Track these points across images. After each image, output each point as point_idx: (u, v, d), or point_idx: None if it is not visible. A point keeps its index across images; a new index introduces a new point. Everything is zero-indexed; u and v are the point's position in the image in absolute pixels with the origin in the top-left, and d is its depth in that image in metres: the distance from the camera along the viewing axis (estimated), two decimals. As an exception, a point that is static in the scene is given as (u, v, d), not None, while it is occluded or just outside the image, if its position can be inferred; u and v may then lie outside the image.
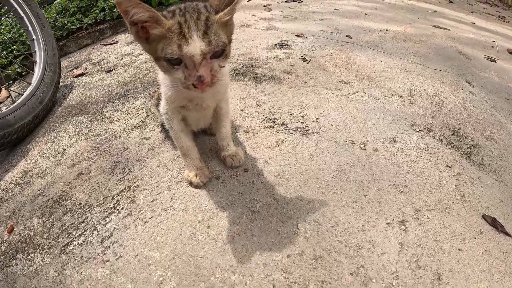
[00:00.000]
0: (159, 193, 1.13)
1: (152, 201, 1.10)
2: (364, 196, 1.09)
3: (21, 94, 1.70)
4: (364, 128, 1.44)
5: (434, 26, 3.11)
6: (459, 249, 0.93)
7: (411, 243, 0.93)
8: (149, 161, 1.29)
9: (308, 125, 1.44)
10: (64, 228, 1.08)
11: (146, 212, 1.06)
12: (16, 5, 1.86)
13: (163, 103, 1.07)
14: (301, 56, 2.13)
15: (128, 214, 1.07)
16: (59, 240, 1.05)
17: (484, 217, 1.05)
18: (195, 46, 0.75)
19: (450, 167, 1.25)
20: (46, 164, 1.41)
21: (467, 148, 1.38)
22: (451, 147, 1.37)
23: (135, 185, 1.18)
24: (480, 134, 1.49)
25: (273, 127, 1.43)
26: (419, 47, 2.45)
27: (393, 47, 2.41)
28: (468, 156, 1.33)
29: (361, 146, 1.33)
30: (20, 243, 1.07)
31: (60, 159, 1.42)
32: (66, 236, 1.05)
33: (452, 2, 4.98)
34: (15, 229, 1.13)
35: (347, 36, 2.59)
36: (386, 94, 1.74)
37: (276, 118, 1.48)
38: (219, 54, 0.80)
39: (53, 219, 1.13)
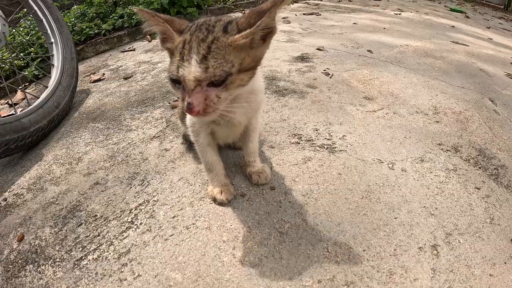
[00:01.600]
0: (181, 209, 1.07)
1: (173, 217, 1.04)
2: (395, 218, 1.03)
3: (37, 97, 1.67)
4: (391, 147, 1.38)
5: (453, 41, 3.06)
6: (490, 275, 0.89)
7: (443, 269, 0.89)
8: (169, 174, 1.23)
9: (335, 142, 1.38)
10: (78, 240, 1.02)
11: (167, 229, 1.00)
12: (35, 7, 1.84)
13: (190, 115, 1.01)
14: (324, 70, 2.09)
15: (147, 230, 1.01)
16: (72, 253, 0.99)
17: None
18: (190, 71, 0.68)
19: (478, 189, 1.20)
20: (60, 171, 1.36)
21: (494, 169, 1.33)
22: (478, 167, 1.32)
23: (155, 199, 1.12)
24: (506, 155, 1.43)
25: (299, 143, 1.37)
26: (440, 63, 2.40)
27: (414, 63, 2.36)
28: (496, 178, 1.28)
29: (390, 165, 1.27)
30: (30, 253, 1.01)
31: (75, 166, 1.37)
32: (80, 249, 0.99)
33: (468, 18, 4.95)
34: (25, 238, 1.07)
35: (368, 50, 2.55)
36: (411, 112, 1.68)
37: (301, 134, 1.43)
38: (218, 83, 0.71)
39: (66, 230, 1.07)
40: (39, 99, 1.63)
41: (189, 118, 1.02)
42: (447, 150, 1.40)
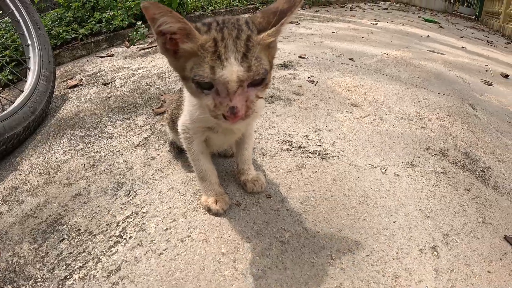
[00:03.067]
0: (173, 221, 1.00)
1: (166, 229, 0.97)
2: (394, 222, 1.04)
3: (12, 102, 1.55)
4: (382, 152, 1.40)
5: (430, 50, 3.19)
6: (488, 272, 0.92)
7: (444, 269, 0.91)
8: (157, 184, 1.16)
9: (327, 149, 1.36)
10: (61, 257, 0.93)
11: (160, 243, 0.93)
12: (13, 7, 1.72)
13: (184, 120, 0.95)
14: (308, 78, 2.09)
15: (138, 244, 0.94)
16: (55, 272, 0.89)
17: (506, 238, 1.05)
18: (232, 70, 0.62)
19: (468, 190, 1.24)
20: (38, 181, 1.25)
21: (481, 171, 1.37)
22: (466, 170, 1.36)
23: (144, 210, 1.06)
24: (490, 157, 1.49)
25: (291, 150, 1.34)
26: (420, 71, 2.48)
27: (395, 71, 2.42)
28: (483, 179, 1.32)
29: (382, 170, 1.28)
30: (8, 272, 0.91)
31: (53, 176, 1.27)
32: (64, 267, 0.90)
33: (442, 28, 5.19)
34: (1, 255, 0.96)
35: (350, 59, 2.59)
36: (397, 118, 1.71)
37: (292, 141, 1.41)
38: (258, 83, 0.67)
39: (47, 246, 0.97)
40: (14, 104, 1.52)
41: (181, 124, 0.97)
42: (435, 154, 1.44)
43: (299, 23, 3.93)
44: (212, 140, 0.99)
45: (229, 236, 0.94)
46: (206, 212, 1.02)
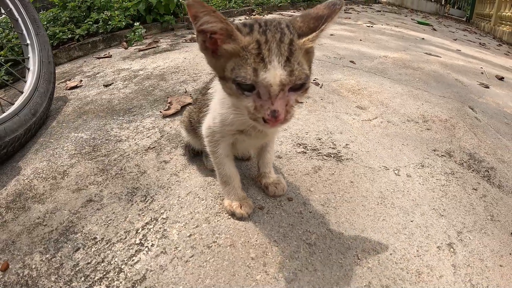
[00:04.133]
0: (197, 226, 0.97)
1: (189, 236, 0.94)
2: (411, 221, 1.07)
3: (12, 104, 1.48)
4: (393, 154, 1.41)
5: (427, 53, 3.24)
6: (500, 265, 0.96)
7: (461, 264, 0.94)
8: (175, 188, 1.13)
9: (340, 151, 1.37)
10: (78, 268, 0.88)
11: (185, 250, 0.90)
12: (11, 5, 1.65)
13: (211, 123, 0.92)
14: (313, 80, 2.09)
15: (162, 252, 0.90)
16: (73, 284, 0.84)
17: None
18: (275, 74, 0.61)
19: (475, 189, 1.28)
20: (44, 186, 1.20)
21: (485, 171, 1.41)
22: (472, 170, 1.40)
23: (163, 216, 1.02)
24: (493, 158, 1.53)
25: (306, 152, 1.34)
26: (420, 74, 2.52)
27: (396, 74, 2.45)
28: (488, 179, 1.36)
29: (395, 172, 1.30)
30: (19, 286, 0.85)
31: (60, 181, 1.22)
32: (83, 279, 0.85)
33: (435, 30, 5.29)
34: (10, 267, 0.90)
35: (351, 61, 2.61)
36: (403, 120, 1.73)
37: (306, 143, 1.40)
38: (298, 87, 0.66)
39: (61, 257, 0.92)
40: (14, 105, 1.45)
41: (206, 127, 0.94)
42: (442, 155, 1.46)
43: (295, 26, 3.94)
44: (240, 143, 0.96)
45: (256, 241, 0.92)
46: (229, 216, 1.00)
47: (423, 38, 4.10)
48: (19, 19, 1.68)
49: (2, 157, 1.31)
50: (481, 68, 3.09)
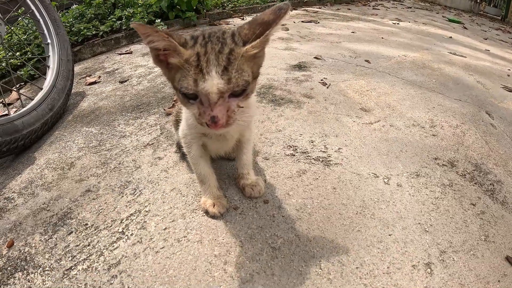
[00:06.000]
0: (173, 221, 1.05)
1: (165, 229, 1.02)
2: (389, 235, 1.03)
3: (32, 99, 1.65)
4: (387, 161, 1.38)
5: (451, 53, 3.09)
6: None
7: (436, 287, 0.88)
8: (162, 184, 1.21)
9: (330, 155, 1.37)
10: (68, 249, 1.00)
11: (158, 241, 0.98)
12: (33, 7, 1.81)
13: (183, 126, 1.00)
14: (321, 80, 2.08)
15: (138, 241, 0.99)
16: (62, 262, 0.96)
17: (508, 258, 1.02)
18: (212, 83, 0.67)
19: (474, 205, 1.21)
20: (52, 176, 1.33)
21: (490, 184, 1.34)
22: (474, 183, 1.32)
23: (146, 209, 1.11)
24: (502, 170, 1.44)
25: (294, 155, 1.36)
26: (438, 75, 2.41)
27: (412, 74, 2.37)
28: (491, 193, 1.29)
29: (385, 180, 1.27)
30: (19, 260, 0.99)
31: (67, 172, 1.35)
32: (70, 258, 0.97)
33: (466, 28, 4.99)
34: (15, 244, 1.05)
35: (366, 60, 2.55)
36: (408, 125, 1.68)
37: (297, 146, 1.42)
38: (239, 93, 0.72)
39: (56, 238, 1.05)
40: (33, 101, 1.61)
41: (181, 129, 1.01)
42: (443, 164, 1.40)
43: (318, 22, 3.89)
44: (208, 146, 1.03)
45: (223, 239, 0.97)
46: (204, 214, 1.06)
47: (450, 37, 3.89)
48: (40, 19, 1.84)
49: (20, 148, 1.47)
50: (509, 70, 2.90)
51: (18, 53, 2.43)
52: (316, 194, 1.16)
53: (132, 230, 1.03)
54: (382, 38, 3.33)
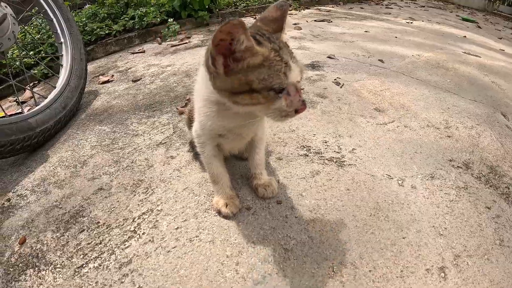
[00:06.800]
0: (185, 220, 1.04)
1: (177, 228, 1.02)
2: (403, 238, 1.01)
3: (45, 97, 1.66)
4: (401, 162, 1.35)
5: (465, 52, 3.02)
6: None
7: None
8: (174, 183, 1.21)
9: (344, 156, 1.35)
10: (79, 247, 1.01)
11: (170, 241, 0.98)
12: (46, 7, 1.83)
13: (196, 128, 0.98)
14: (334, 80, 2.06)
15: (150, 240, 0.99)
16: (73, 260, 0.97)
17: None
18: (296, 72, 0.73)
19: (489, 208, 1.17)
20: (65, 173, 1.34)
21: (506, 187, 1.29)
22: (489, 186, 1.29)
23: (159, 208, 1.10)
24: None
25: (308, 155, 1.34)
26: (452, 75, 2.36)
27: (426, 74, 2.32)
28: (507, 197, 1.25)
29: (399, 182, 1.24)
30: (31, 257, 1.00)
31: (80, 170, 1.35)
32: (81, 256, 0.97)
33: (480, 28, 4.89)
34: (27, 241, 1.06)
35: (379, 60, 2.51)
36: (423, 125, 1.64)
37: (310, 146, 1.40)
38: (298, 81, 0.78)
39: (68, 236, 1.05)
40: (47, 99, 1.63)
41: (194, 129, 1.00)
42: (458, 166, 1.37)
43: (331, 21, 3.85)
44: (224, 144, 1.02)
45: (235, 240, 0.97)
46: (216, 214, 1.05)
47: (464, 36, 3.80)
48: (54, 19, 1.86)
49: (33, 145, 1.48)
50: (526, 70, 2.82)
51: (32, 52, 2.47)
52: (329, 195, 1.14)
53: (144, 229, 1.03)
54: (396, 37, 3.28)
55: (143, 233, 1.02)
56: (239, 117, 0.83)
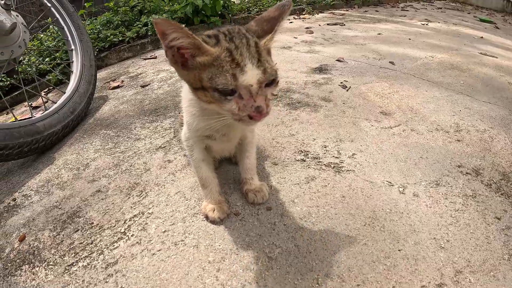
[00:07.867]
0: (172, 224, 1.04)
1: (164, 231, 1.02)
2: (399, 250, 0.94)
3: (55, 102, 1.72)
4: (404, 168, 1.29)
5: (481, 53, 2.89)
6: None
7: None
8: (167, 187, 1.22)
9: (343, 161, 1.31)
10: (72, 246, 1.03)
11: (156, 243, 0.98)
12: (57, 15, 1.91)
13: (185, 130, 0.99)
14: (341, 83, 2.02)
15: (137, 242, 1.00)
16: (65, 258, 1.00)
17: None
18: (252, 75, 0.69)
19: (499, 219, 1.09)
20: (68, 176, 1.38)
21: None
22: (500, 194, 1.20)
23: (149, 211, 1.11)
24: None
25: (305, 160, 1.31)
26: (466, 76, 2.26)
27: (438, 76, 2.24)
28: None
29: (400, 189, 1.18)
30: (28, 254, 1.03)
31: (82, 172, 1.39)
32: (73, 255, 1.00)
33: (498, 28, 4.69)
34: (26, 239, 1.10)
35: (390, 62, 2.45)
36: (431, 129, 1.57)
37: (308, 151, 1.37)
38: (271, 82, 0.74)
39: (63, 235, 1.08)
40: (56, 104, 1.69)
41: (183, 133, 1.00)
42: (467, 173, 1.29)
43: (344, 24, 3.80)
44: (212, 146, 1.02)
45: (219, 245, 0.95)
46: (204, 218, 1.05)
47: (481, 37, 3.65)
48: (65, 27, 1.93)
49: (41, 148, 1.54)
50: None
51: (47, 59, 2.57)
52: (323, 203, 1.11)
53: (133, 231, 1.04)
54: (409, 39, 3.19)
55: (132, 235, 1.03)
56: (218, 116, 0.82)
